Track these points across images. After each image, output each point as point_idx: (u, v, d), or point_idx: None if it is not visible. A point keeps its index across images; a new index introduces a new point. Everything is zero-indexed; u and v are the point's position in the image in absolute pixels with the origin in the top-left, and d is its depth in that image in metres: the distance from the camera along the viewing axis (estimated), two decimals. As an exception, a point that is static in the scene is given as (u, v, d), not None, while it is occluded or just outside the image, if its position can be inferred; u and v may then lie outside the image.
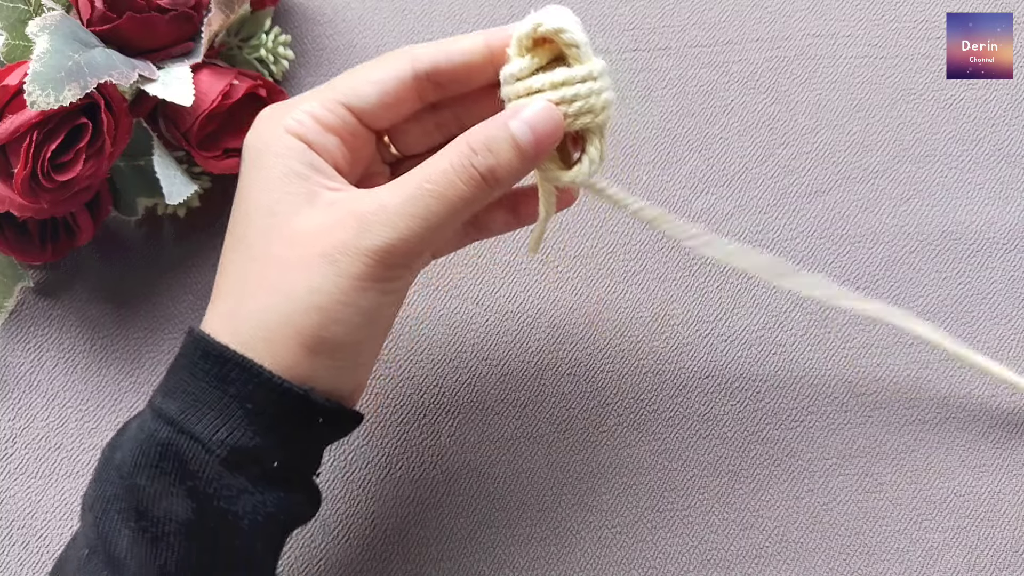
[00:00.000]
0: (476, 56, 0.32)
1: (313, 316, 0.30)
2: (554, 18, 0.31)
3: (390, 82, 0.32)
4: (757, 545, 0.42)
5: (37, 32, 0.37)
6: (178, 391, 0.32)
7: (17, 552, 0.42)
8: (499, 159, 0.30)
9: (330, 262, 0.30)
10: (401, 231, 0.30)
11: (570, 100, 0.31)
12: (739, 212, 0.47)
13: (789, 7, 0.50)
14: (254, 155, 0.32)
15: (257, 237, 0.32)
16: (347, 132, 0.33)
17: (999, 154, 0.48)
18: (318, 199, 0.31)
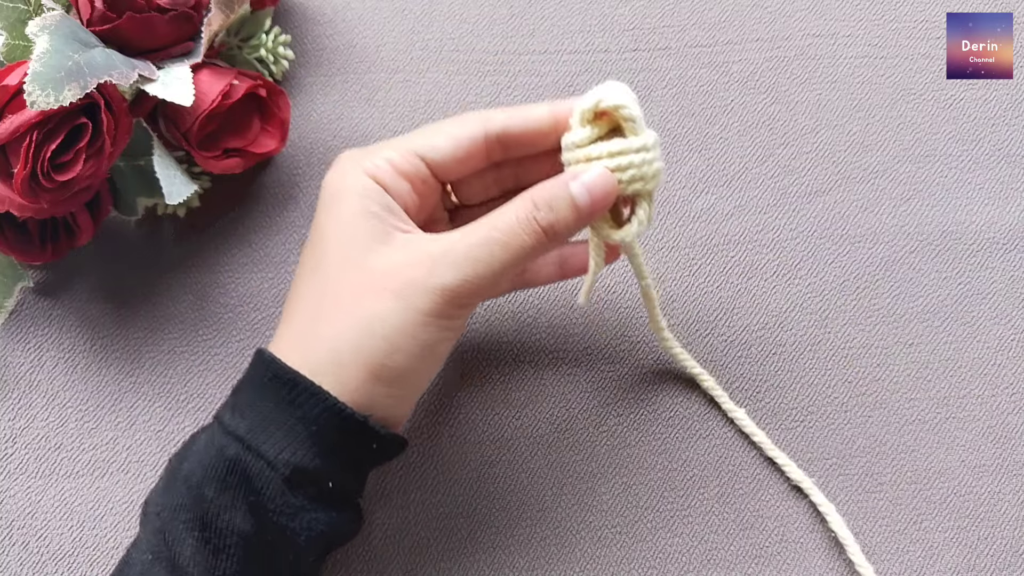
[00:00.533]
0: (542, 124, 0.36)
1: (380, 344, 0.33)
2: (613, 95, 0.34)
3: (463, 140, 0.36)
4: (757, 545, 0.42)
5: (37, 32, 0.37)
6: (247, 409, 0.34)
7: (17, 552, 0.42)
8: (558, 216, 0.33)
9: (400, 297, 0.33)
10: (467, 273, 0.33)
11: (625, 168, 0.34)
12: (739, 212, 0.47)
13: (789, 7, 0.50)
14: (334, 192, 0.35)
15: (333, 268, 0.34)
16: (419, 180, 0.36)
17: (999, 154, 0.48)
18: (392, 238, 0.34)
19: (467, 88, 0.48)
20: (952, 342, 0.45)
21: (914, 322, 0.46)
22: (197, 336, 0.45)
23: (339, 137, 0.47)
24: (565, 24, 0.49)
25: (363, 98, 0.48)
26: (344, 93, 0.48)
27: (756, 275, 0.46)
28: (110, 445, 0.43)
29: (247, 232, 0.46)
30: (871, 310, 0.46)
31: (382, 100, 0.48)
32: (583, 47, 0.49)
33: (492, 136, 0.36)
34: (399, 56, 0.49)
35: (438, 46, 0.49)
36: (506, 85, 0.48)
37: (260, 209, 0.46)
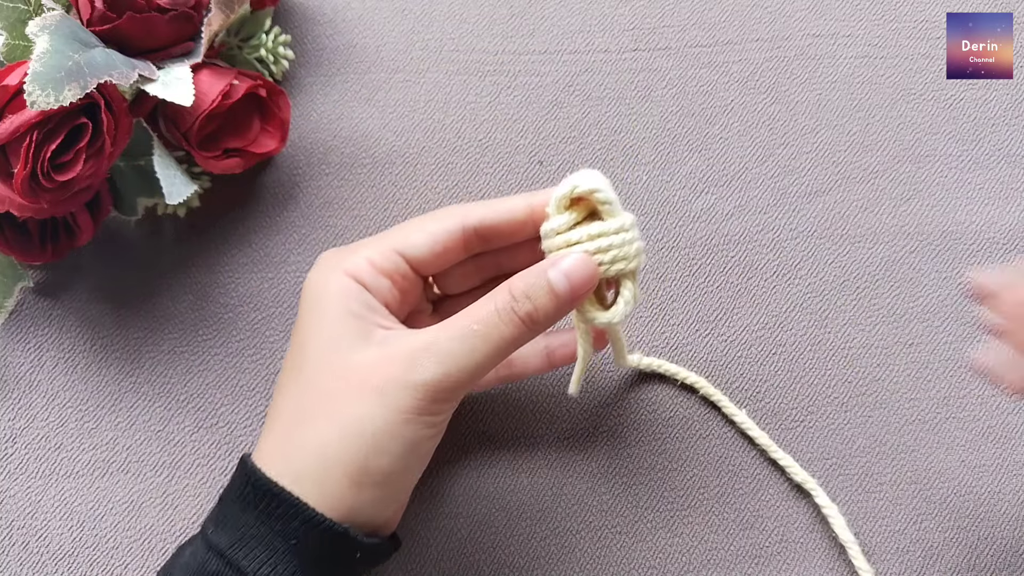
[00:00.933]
0: (519, 215, 0.36)
1: (360, 446, 0.33)
2: (587, 180, 0.34)
3: (440, 234, 0.36)
4: (757, 545, 0.42)
5: (37, 32, 0.37)
6: (228, 523, 0.33)
7: (17, 552, 0.42)
8: (536, 304, 0.33)
9: (379, 394, 0.33)
10: (448, 367, 0.33)
11: (606, 249, 0.34)
12: (739, 212, 0.47)
13: (789, 7, 0.50)
14: (315, 294, 0.36)
15: (313, 370, 0.34)
16: (399, 276, 0.36)
17: (999, 154, 0.48)
18: (372, 336, 0.34)
19: (467, 88, 0.48)
20: (952, 342, 0.45)
21: (914, 322, 0.46)
22: (197, 336, 0.45)
23: (339, 137, 0.47)
24: (565, 24, 0.49)
25: (363, 98, 0.48)
26: (344, 93, 0.48)
27: (756, 275, 0.46)
28: (110, 445, 0.43)
29: (247, 232, 0.46)
30: (871, 310, 0.46)
31: (382, 100, 0.48)
32: (583, 47, 0.49)
33: (470, 230, 0.36)
34: (399, 56, 0.49)
35: (438, 46, 0.49)
36: (506, 85, 0.48)
37: (260, 209, 0.46)
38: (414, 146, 0.47)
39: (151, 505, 0.42)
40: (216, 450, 0.43)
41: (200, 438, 0.43)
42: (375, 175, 0.47)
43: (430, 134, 0.48)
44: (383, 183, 0.47)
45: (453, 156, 0.47)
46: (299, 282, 0.45)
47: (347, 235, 0.46)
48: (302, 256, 0.46)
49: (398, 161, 0.47)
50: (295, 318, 0.45)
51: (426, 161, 0.47)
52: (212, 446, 0.43)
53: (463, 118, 0.48)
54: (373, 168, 0.47)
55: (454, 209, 0.37)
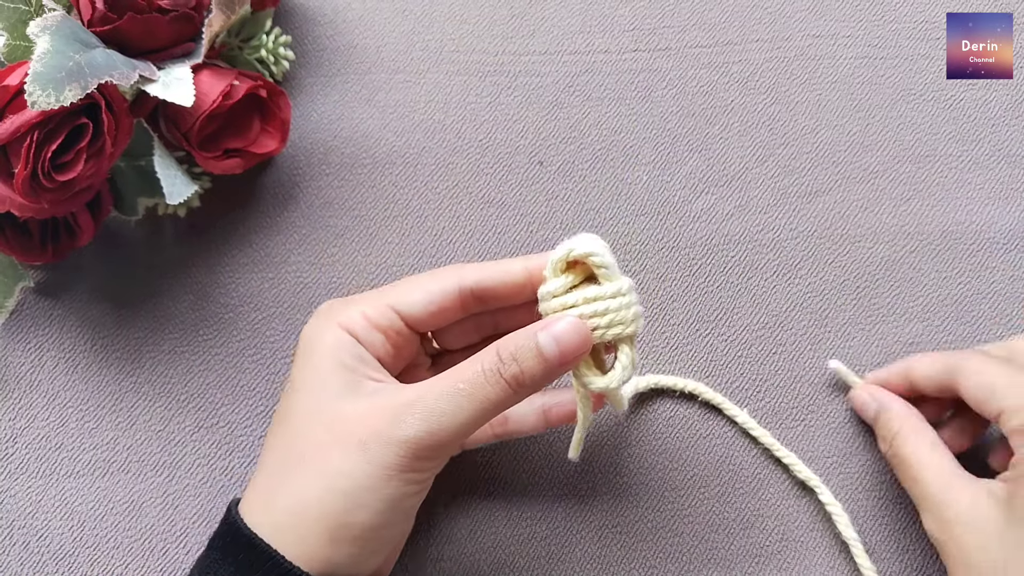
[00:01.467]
0: (516, 279, 0.36)
1: (339, 500, 0.32)
2: (584, 244, 0.34)
3: (436, 294, 0.36)
4: (757, 545, 0.42)
5: (38, 32, 0.37)
6: (210, 572, 0.33)
7: (17, 552, 0.42)
8: (523, 367, 0.33)
9: (362, 449, 0.32)
10: (431, 425, 0.32)
11: (602, 313, 0.34)
12: (739, 212, 0.47)
13: (789, 7, 0.50)
14: (308, 345, 0.36)
15: (301, 420, 0.34)
16: (393, 331, 0.36)
17: (999, 154, 0.48)
18: (361, 388, 0.34)
19: (467, 88, 0.48)
20: (952, 342, 0.45)
21: (914, 322, 0.46)
22: (197, 336, 0.45)
23: (339, 137, 0.48)
24: (565, 24, 0.49)
25: (363, 98, 0.48)
26: (344, 93, 0.48)
27: (756, 275, 0.46)
28: (110, 445, 0.43)
29: (247, 232, 0.46)
30: (871, 310, 0.46)
31: (382, 100, 0.48)
32: (583, 47, 0.49)
33: (467, 291, 0.36)
34: (399, 56, 0.49)
35: (438, 46, 0.49)
36: (506, 85, 0.48)
37: (260, 209, 0.47)
38: (414, 146, 0.48)
39: (151, 505, 0.42)
40: (216, 450, 0.43)
41: (200, 438, 0.43)
42: (375, 175, 0.47)
43: (430, 134, 0.48)
44: (383, 183, 0.47)
45: (453, 156, 0.47)
46: (299, 282, 0.45)
47: (347, 235, 0.46)
48: (302, 256, 0.46)
49: (398, 161, 0.47)
50: (295, 318, 0.45)
51: (426, 161, 0.47)
52: (212, 446, 0.43)
53: (463, 118, 0.48)
54: (373, 168, 0.47)
55: (452, 270, 0.37)
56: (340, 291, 0.45)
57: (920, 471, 0.38)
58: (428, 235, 0.46)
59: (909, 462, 0.39)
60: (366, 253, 0.46)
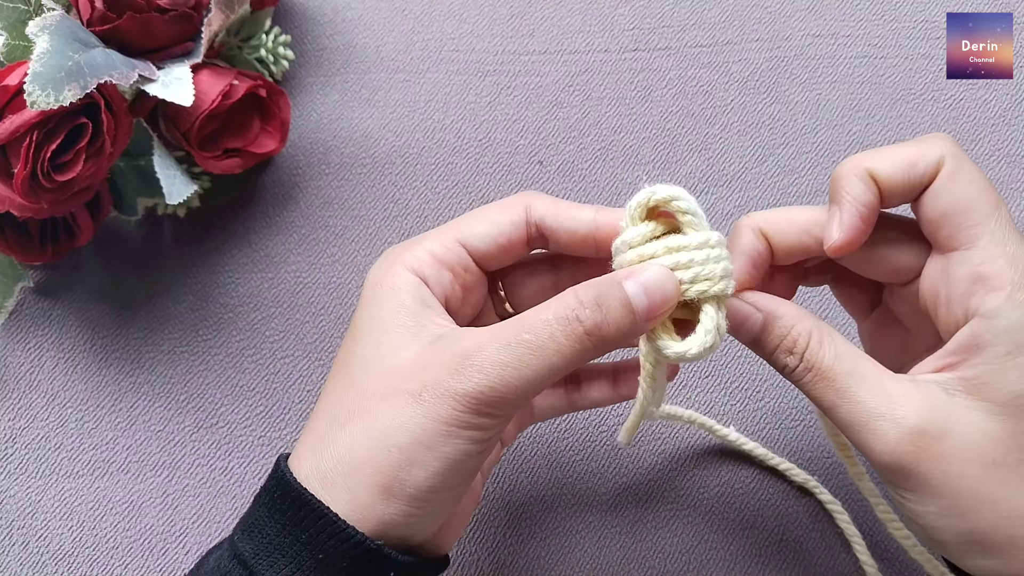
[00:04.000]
0: (581, 226, 0.33)
1: (394, 455, 0.29)
2: (666, 189, 0.30)
3: (505, 224, 0.33)
4: (757, 545, 0.42)
5: (37, 32, 0.37)
6: (255, 530, 0.31)
7: (17, 552, 0.42)
8: (607, 316, 0.29)
9: (417, 401, 0.29)
10: (493, 379, 0.29)
11: (686, 266, 0.30)
12: (739, 212, 0.47)
13: (789, 7, 0.50)
14: (370, 289, 0.33)
15: (358, 367, 0.32)
16: (461, 268, 0.34)
17: (999, 154, 0.48)
18: (423, 333, 0.31)
19: (467, 88, 0.48)
20: (952, 342, 0.45)
21: (914, 322, 0.45)
22: (197, 336, 0.45)
23: (339, 137, 0.48)
24: (565, 24, 0.49)
25: (363, 98, 0.48)
26: (344, 93, 0.48)
27: (756, 275, 0.46)
28: (110, 445, 0.43)
29: (247, 232, 0.46)
30: (871, 310, 0.46)
31: (382, 100, 0.48)
32: (583, 47, 0.49)
33: (532, 224, 0.34)
34: (399, 56, 0.49)
35: (438, 46, 0.49)
36: (506, 85, 0.48)
37: (260, 209, 0.46)
38: (414, 146, 0.47)
39: (151, 505, 0.42)
40: (216, 450, 0.43)
41: (200, 438, 0.43)
42: (375, 175, 0.47)
43: (430, 134, 0.48)
44: (383, 183, 0.47)
45: (453, 156, 0.47)
46: (299, 282, 0.45)
47: (347, 235, 0.46)
48: (302, 256, 0.46)
49: (398, 161, 0.47)
50: (295, 318, 0.45)
51: (426, 161, 0.47)
52: (212, 446, 0.43)
53: (463, 118, 0.48)
54: (373, 168, 0.47)
55: (519, 199, 0.34)
56: (340, 291, 0.45)
57: (850, 384, 0.30)
58: (428, 235, 0.46)
59: (832, 375, 0.30)
60: (366, 253, 0.46)
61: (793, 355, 0.31)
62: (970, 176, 0.30)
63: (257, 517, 0.31)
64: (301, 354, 0.44)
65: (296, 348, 0.44)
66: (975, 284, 0.30)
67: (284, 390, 0.44)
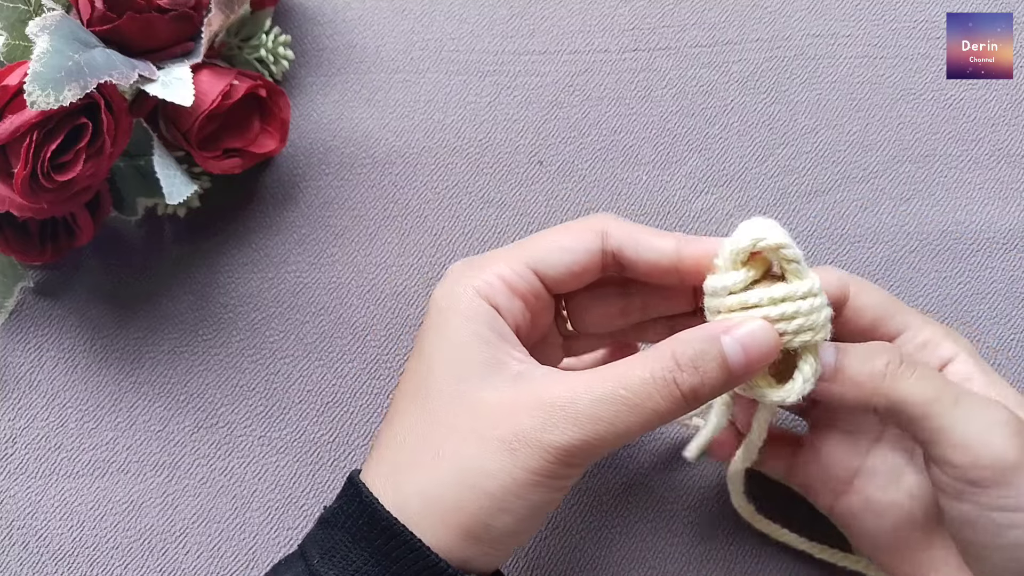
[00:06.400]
0: (664, 259, 0.32)
1: (484, 502, 0.29)
2: (773, 233, 0.30)
3: (580, 252, 0.33)
4: (757, 545, 0.42)
5: (37, 32, 0.37)
6: (337, 556, 0.30)
7: (17, 552, 0.42)
8: (704, 379, 0.29)
9: (510, 451, 0.29)
10: (588, 432, 0.29)
11: (791, 317, 0.29)
12: (739, 212, 0.47)
13: (789, 7, 0.50)
14: (443, 313, 0.32)
15: (440, 401, 0.31)
16: (532, 296, 0.33)
17: (999, 154, 0.48)
18: (504, 370, 0.31)
19: (467, 88, 0.48)
20: (952, 342, 0.45)
21: (914, 322, 0.45)
22: (197, 336, 0.45)
23: (339, 137, 0.48)
24: (565, 24, 0.49)
25: (363, 98, 0.48)
26: (344, 93, 0.48)
27: (756, 275, 0.46)
28: (110, 445, 0.43)
29: (247, 232, 0.46)
30: (871, 310, 0.46)
31: (382, 100, 0.48)
32: (583, 47, 0.49)
33: (608, 253, 0.33)
34: (399, 56, 0.49)
35: (438, 46, 0.49)
36: (506, 85, 0.48)
37: (260, 209, 0.46)
38: (414, 146, 0.47)
39: (151, 505, 0.42)
40: (216, 450, 0.43)
41: (200, 438, 0.43)
42: (375, 175, 0.47)
43: (430, 134, 0.48)
44: (383, 183, 0.47)
45: (453, 156, 0.47)
46: (299, 282, 0.45)
47: (347, 235, 0.46)
48: (302, 256, 0.46)
49: (398, 161, 0.47)
50: (295, 318, 0.45)
51: (426, 161, 0.47)
52: (212, 446, 0.43)
53: (463, 118, 0.48)
54: (373, 168, 0.47)
55: (593, 223, 0.33)
56: (340, 291, 0.45)
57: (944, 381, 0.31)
58: (428, 235, 0.46)
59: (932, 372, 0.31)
60: (366, 253, 0.46)
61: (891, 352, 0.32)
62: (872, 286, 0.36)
63: (338, 542, 0.31)
64: (301, 354, 0.44)
65: (296, 348, 0.44)
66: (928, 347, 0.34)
67: (284, 390, 0.44)
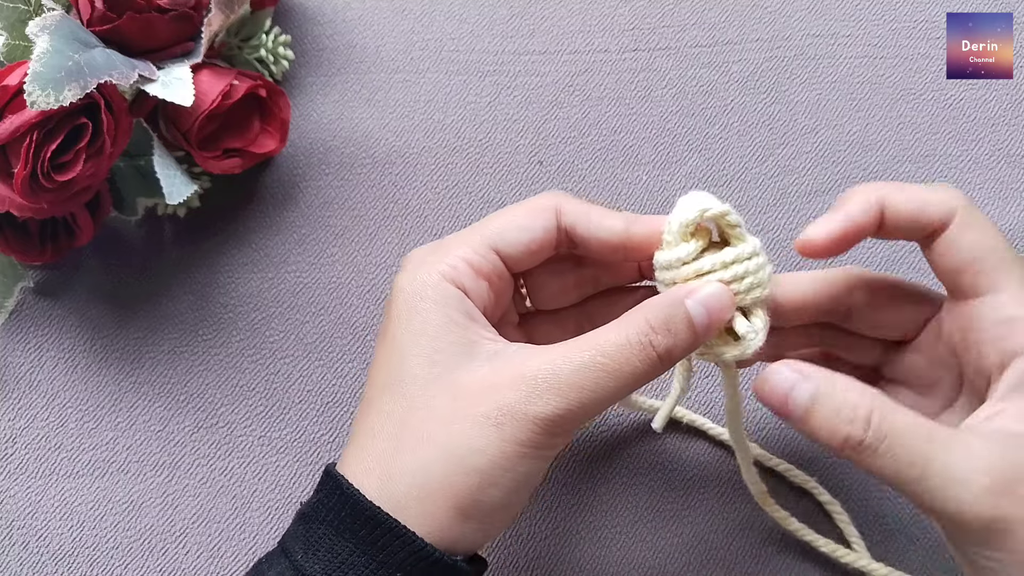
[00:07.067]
0: (613, 237, 0.34)
1: (473, 478, 0.30)
2: (715, 203, 0.32)
3: (538, 231, 0.34)
4: (757, 545, 0.42)
5: (37, 32, 0.37)
6: (321, 548, 0.30)
7: (17, 552, 0.42)
8: (677, 339, 0.30)
9: (495, 425, 0.30)
10: (571, 401, 0.30)
11: (741, 277, 0.32)
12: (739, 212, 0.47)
13: (789, 7, 0.50)
14: (410, 300, 0.32)
15: (416, 386, 0.31)
16: (496, 276, 0.34)
17: (999, 154, 0.48)
18: (478, 350, 0.31)
19: (467, 88, 0.48)
20: (952, 342, 0.45)
21: (914, 322, 0.45)
22: (197, 336, 0.45)
23: (339, 137, 0.48)
24: (565, 24, 0.49)
25: (363, 98, 0.48)
26: (344, 93, 0.48)
27: (756, 275, 0.46)
28: (110, 445, 0.43)
29: (247, 232, 0.46)
30: (871, 310, 0.46)
31: (382, 100, 0.48)
32: (583, 47, 0.49)
33: (563, 230, 0.34)
34: (399, 56, 0.49)
35: (438, 46, 0.49)
36: (506, 85, 0.48)
37: (260, 209, 0.46)
38: (414, 146, 0.48)
39: (151, 505, 0.42)
40: (216, 450, 0.43)
41: (200, 438, 0.43)
42: (375, 175, 0.47)
43: (430, 134, 0.48)
44: (383, 183, 0.47)
45: (453, 156, 0.47)
46: (299, 282, 0.45)
47: (347, 235, 0.46)
48: (302, 256, 0.46)
49: (398, 161, 0.47)
50: (295, 318, 0.45)
51: (426, 161, 0.47)
52: (212, 446, 0.43)
53: (463, 118, 0.48)
54: (373, 168, 0.47)
55: (546, 202, 0.34)
56: (340, 291, 0.45)
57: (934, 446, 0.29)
58: (428, 235, 0.46)
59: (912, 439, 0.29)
60: (366, 253, 0.46)
61: (855, 424, 0.29)
62: (984, 225, 0.32)
63: (321, 536, 0.31)
64: (301, 354, 0.44)
65: (296, 348, 0.45)
66: (1010, 326, 0.30)
67: (284, 390, 0.44)
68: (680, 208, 0.32)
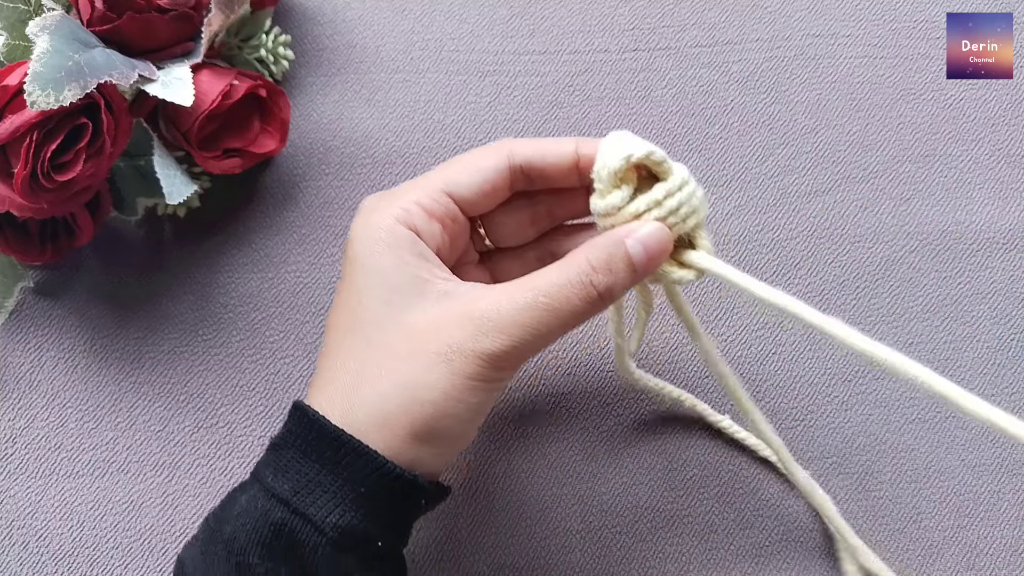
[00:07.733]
0: (566, 159, 0.35)
1: (427, 409, 0.32)
2: (637, 145, 0.33)
3: (489, 171, 0.35)
4: (757, 545, 0.42)
5: (37, 32, 0.37)
6: (290, 470, 0.33)
7: (17, 552, 0.42)
8: (617, 278, 0.32)
9: (445, 361, 0.32)
10: (515, 339, 0.32)
11: (677, 209, 0.33)
12: (739, 212, 0.47)
13: (789, 7, 0.50)
14: (364, 243, 0.34)
15: (373, 325, 0.33)
16: (449, 219, 0.35)
17: (999, 154, 0.48)
18: (429, 289, 0.33)
19: (467, 88, 0.48)
20: (952, 342, 0.45)
21: (914, 322, 0.46)
22: (197, 336, 0.45)
23: (339, 137, 0.48)
24: (565, 24, 0.49)
25: (363, 98, 0.48)
26: (344, 93, 0.48)
27: (756, 275, 0.45)
28: (110, 445, 0.43)
29: (247, 232, 0.46)
30: (871, 310, 0.46)
31: (382, 100, 0.48)
32: (583, 47, 0.49)
33: (516, 167, 0.35)
34: (399, 56, 0.49)
35: (438, 46, 0.49)
36: (506, 85, 0.48)
37: (260, 209, 0.46)
38: (414, 146, 0.48)
39: (151, 505, 0.42)
40: (216, 450, 0.43)
41: (200, 438, 0.43)
42: (375, 175, 0.47)
43: (430, 134, 0.48)
44: (383, 183, 0.47)
45: (453, 156, 0.47)
46: (299, 282, 0.45)
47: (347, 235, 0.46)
48: (302, 256, 0.46)
49: (398, 161, 0.47)
50: (295, 318, 0.45)
51: (426, 161, 0.47)
52: (212, 446, 0.43)
53: (463, 118, 0.48)
54: (373, 168, 0.47)
55: (499, 146, 0.36)
56: (340, 291, 0.45)
57: None
58: (428, 235, 0.46)
59: None
60: (366, 253, 0.46)
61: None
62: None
63: (289, 460, 0.33)
64: (301, 354, 0.44)
65: (296, 348, 0.45)
66: None
67: (284, 390, 0.44)
68: (605, 154, 0.33)
